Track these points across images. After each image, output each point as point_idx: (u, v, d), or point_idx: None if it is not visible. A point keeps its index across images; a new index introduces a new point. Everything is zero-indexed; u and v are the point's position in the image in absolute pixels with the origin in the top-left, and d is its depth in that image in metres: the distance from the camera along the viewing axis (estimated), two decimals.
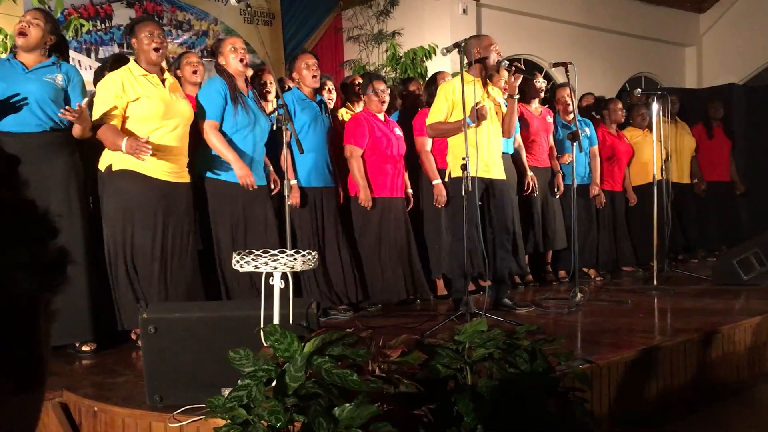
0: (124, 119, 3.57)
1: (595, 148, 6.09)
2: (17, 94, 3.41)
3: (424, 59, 7.75)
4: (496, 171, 4.42)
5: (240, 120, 3.95)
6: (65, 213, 3.38)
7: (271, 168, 4.27)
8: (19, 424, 0.50)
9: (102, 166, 3.59)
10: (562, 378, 2.30)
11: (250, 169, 3.96)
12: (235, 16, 8.27)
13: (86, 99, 3.48)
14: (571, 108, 5.86)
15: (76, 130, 3.50)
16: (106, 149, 3.59)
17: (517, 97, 4.50)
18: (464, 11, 8.43)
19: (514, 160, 5.30)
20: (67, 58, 3.70)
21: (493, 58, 4.36)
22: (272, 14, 8.65)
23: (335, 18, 9.13)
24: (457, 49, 4.09)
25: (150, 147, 3.41)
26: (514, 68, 4.35)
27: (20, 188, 0.49)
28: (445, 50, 4.23)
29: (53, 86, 3.49)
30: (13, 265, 0.46)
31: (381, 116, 4.78)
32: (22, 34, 3.45)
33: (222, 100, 3.93)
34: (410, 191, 4.99)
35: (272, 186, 4.21)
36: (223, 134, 3.94)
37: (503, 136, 4.58)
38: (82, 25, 5.00)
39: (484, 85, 4.43)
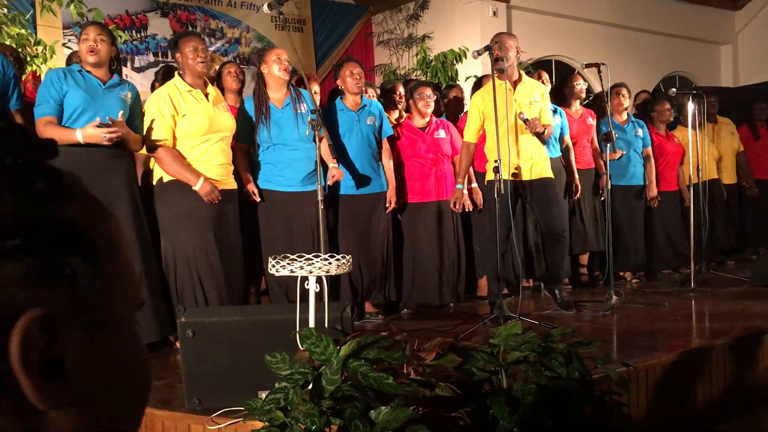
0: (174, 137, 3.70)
1: (649, 149, 5.97)
2: (99, 109, 3.49)
3: (455, 62, 7.73)
4: (532, 171, 4.38)
5: (263, 138, 4.09)
6: (132, 221, 3.53)
7: (330, 166, 4.13)
8: None
9: (154, 179, 3.76)
10: (598, 381, 2.29)
11: (284, 176, 4.07)
12: (266, 23, 8.35)
13: (121, 111, 3.52)
14: (622, 107, 5.79)
15: (127, 145, 3.61)
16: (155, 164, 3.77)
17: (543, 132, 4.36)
18: (494, 14, 8.40)
19: (561, 162, 5.28)
20: (120, 71, 3.82)
21: (512, 57, 4.24)
22: (303, 20, 8.72)
23: (365, 23, 9.18)
24: (488, 52, 4.08)
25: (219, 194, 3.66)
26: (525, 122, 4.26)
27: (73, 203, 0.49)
28: (476, 53, 4.22)
29: (126, 102, 3.61)
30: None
31: (424, 120, 4.78)
32: (92, 52, 3.52)
33: (249, 122, 4.10)
34: (474, 185, 4.92)
35: (330, 183, 4.12)
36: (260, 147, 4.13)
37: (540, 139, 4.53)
38: (119, 36, 5.10)
39: (515, 86, 4.36)
